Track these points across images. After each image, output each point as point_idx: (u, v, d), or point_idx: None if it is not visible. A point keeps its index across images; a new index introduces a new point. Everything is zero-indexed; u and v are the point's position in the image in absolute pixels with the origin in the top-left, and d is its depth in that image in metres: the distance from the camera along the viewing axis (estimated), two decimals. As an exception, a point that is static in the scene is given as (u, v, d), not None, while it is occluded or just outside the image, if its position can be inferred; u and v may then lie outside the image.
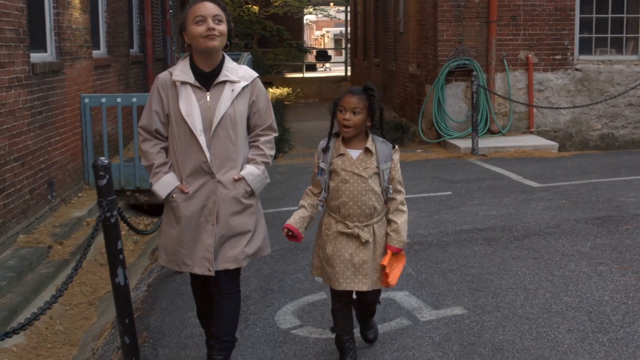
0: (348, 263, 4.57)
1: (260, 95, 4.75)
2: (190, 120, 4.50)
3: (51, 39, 10.25)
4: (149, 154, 4.65)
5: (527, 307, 5.57)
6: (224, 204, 4.57)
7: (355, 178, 4.55)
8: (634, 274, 6.13)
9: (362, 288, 4.59)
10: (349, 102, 4.52)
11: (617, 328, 5.08)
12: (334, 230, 4.63)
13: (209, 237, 4.56)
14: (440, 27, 14.61)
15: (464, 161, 12.68)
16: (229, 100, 4.56)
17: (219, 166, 4.57)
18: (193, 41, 4.54)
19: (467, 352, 4.87)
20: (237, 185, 4.59)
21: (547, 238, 7.31)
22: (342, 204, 4.58)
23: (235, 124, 4.58)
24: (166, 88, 4.62)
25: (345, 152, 4.59)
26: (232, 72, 4.66)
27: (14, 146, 8.41)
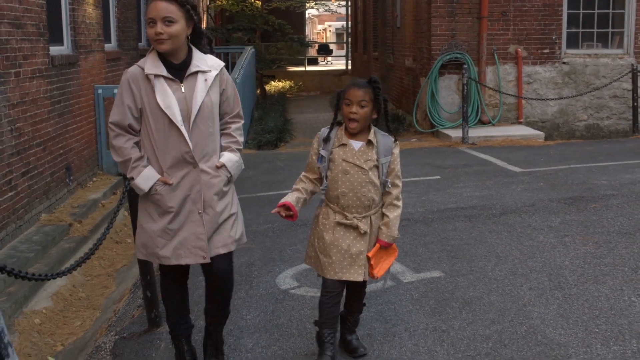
0: (345, 253, 4.59)
1: (229, 84, 4.80)
2: (169, 112, 4.49)
3: (67, 33, 11.00)
4: (124, 149, 4.61)
5: (497, 270, 6.34)
6: (209, 191, 4.61)
7: (356, 169, 4.57)
8: (594, 244, 6.91)
9: (357, 278, 4.61)
10: (355, 95, 4.53)
11: (572, 286, 5.86)
12: (332, 219, 4.65)
13: (198, 226, 4.58)
14: (434, 22, 15.37)
15: (455, 149, 13.46)
16: (204, 90, 4.59)
17: (200, 155, 4.59)
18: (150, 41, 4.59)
19: (441, 305, 5.64)
20: (219, 173, 4.66)
21: (522, 215, 8.08)
22: (342, 195, 4.60)
23: (212, 113, 4.64)
24: (137, 82, 4.58)
25: (348, 143, 4.61)
26: (202, 61, 4.67)
27: (37, 132, 9.15)
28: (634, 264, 6.29)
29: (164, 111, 4.49)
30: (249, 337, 5.32)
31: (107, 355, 5.39)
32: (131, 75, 4.59)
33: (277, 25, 31.20)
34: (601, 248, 6.76)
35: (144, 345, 5.31)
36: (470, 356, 4.75)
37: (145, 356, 5.16)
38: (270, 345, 5.16)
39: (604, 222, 7.59)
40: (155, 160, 4.62)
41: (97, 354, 5.48)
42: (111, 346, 5.53)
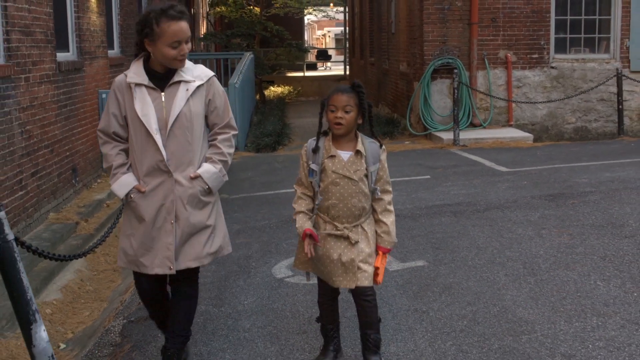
0: (337, 262, 4.60)
1: (217, 94, 4.80)
2: (145, 120, 4.55)
3: (73, 40, 11.50)
4: (109, 156, 4.71)
5: (476, 260, 6.83)
6: (182, 202, 4.64)
7: (346, 180, 4.56)
8: (568, 235, 7.39)
9: (351, 286, 4.61)
10: (340, 101, 4.52)
11: (544, 272, 6.35)
12: (323, 231, 4.65)
13: (168, 236, 4.62)
14: (426, 29, 15.88)
15: (446, 151, 13.96)
16: (184, 99, 4.61)
17: (175, 165, 4.62)
18: (162, 59, 4.59)
19: (423, 290, 6.13)
20: (194, 184, 4.66)
21: (504, 210, 8.57)
22: (332, 206, 4.60)
23: (191, 123, 4.65)
24: (122, 90, 4.64)
25: (336, 154, 4.60)
26: (187, 72, 4.71)
27: (45, 135, 9.64)
28: (602, 252, 6.78)
29: (141, 119, 4.56)
30: (246, 319, 5.80)
31: (117, 336, 5.87)
32: (117, 83, 4.68)
33: (276, 31, 31.69)
34: (574, 239, 7.25)
35: (150, 327, 5.78)
36: (446, 332, 5.24)
37: (152, 336, 5.64)
38: (265, 326, 5.65)
39: (579, 217, 8.07)
40: (135, 167, 4.71)
41: (107, 337, 5.95)
42: (120, 329, 6.02)
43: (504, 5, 15.88)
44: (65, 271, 8.38)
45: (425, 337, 5.19)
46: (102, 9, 12.94)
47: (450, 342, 5.09)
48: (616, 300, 5.64)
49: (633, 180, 9.77)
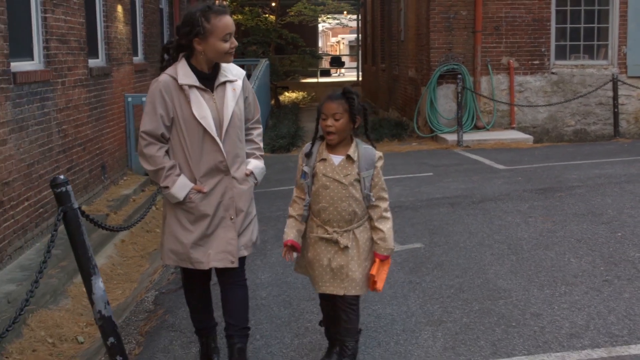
0: (327, 267, 4.65)
1: (250, 91, 4.94)
2: (205, 122, 4.60)
3: (102, 47, 12.41)
4: (156, 158, 4.67)
5: (467, 242, 7.68)
6: (240, 198, 4.76)
7: (336, 184, 4.59)
8: (552, 222, 8.23)
9: (339, 292, 4.66)
10: (329, 108, 4.55)
11: (525, 252, 7.20)
12: (314, 235, 4.70)
13: (229, 231, 4.72)
14: (433, 36, 16.74)
15: (450, 151, 14.82)
16: (234, 99, 4.72)
17: (231, 163, 4.72)
18: (212, 54, 4.64)
19: (418, 266, 6.99)
20: (247, 180, 4.81)
21: (497, 202, 9.41)
22: (322, 209, 4.63)
23: (240, 121, 4.78)
24: (170, 91, 4.63)
25: (328, 157, 4.64)
26: (228, 71, 4.80)
27: (78, 134, 10.53)
28: (579, 236, 7.62)
29: (199, 121, 4.60)
30: (263, 290, 6.67)
31: (150, 305, 6.75)
32: (163, 84, 4.64)
33: (290, 38, 32.64)
34: (557, 225, 8.09)
35: (179, 297, 6.65)
36: (435, 298, 6.10)
37: (182, 303, 6.49)
38: (280, 295, 6.52)
39: (564, 207, 8.91)
40: (187, 168, 4.71)
41: (141, 306, 6.83)
42: (152, 299, 6.90)
43: (507, 14, 16.72)
44: (98, 257, 9.23)
45: (416, 302, 6.05)
46: (128, 19, 13.85)
47: (437, 305, 5.95)
48: (584, 273, 6.49)
49: (618, 176, 10.60)
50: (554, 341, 5.10)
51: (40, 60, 9.30)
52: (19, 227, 8.15)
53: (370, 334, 5.43)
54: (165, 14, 18.46)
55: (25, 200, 8.36)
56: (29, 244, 8.46)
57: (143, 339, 5.84)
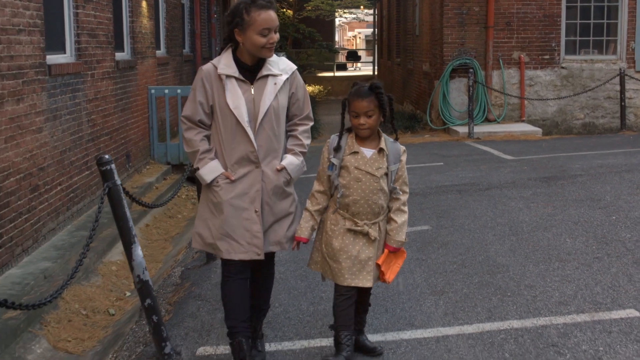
0: (355, 259, 4.63)
1: (299, 87, 4.90)
2: (237, 112, 4.65)
3: (127, 41, 12.99)
4: (193, 141, 4.80)
5: (472, 225, 8.22)
6: (268, 192, 4.74)
7: (368, 177, 4.61)
8: (552, 207, 8.75)
9: (366, 284, 4.67)
10: (361, 107, 4.58)
11: (525, 233, 7.73)
12: (342, 226, 4.69)
13: (254, 224, 4.72)
14: (446, 32, 17.26)
15: (461, 143, 15.35)
16: (273, 93, 4.72)
17: (263, 156, 4.72)
18: (250, 47, 4.70)
19: (425, 246, 7.53)
20: (279, 175, 4.76)
21: (502, 189, 9.94)
22: (353, 202, 4.63)
23: (278, 116, 4.75)
24: (210, 80, 4.74)
25: (359, 150, 4.65)
26: (274, 65, 4.80)
27: (105, 124, 11.11)
28: (577, 219, 8.15)
29: (232, 111, 4.67)
30: (282, 266, 7.22)
31: (177, 279, 7.32)
32: (205, 73, 4.78)
33: (307, 33, 33.15)
34: (556, 210, 8.62)
35: (204, 272, 7.22)
36: (439, 273, 6.65)
37: (207, 277, 7.08)
38: (297, 270, 7.08)
39: (565, 193, 9.43)
40: (221, 155, 4.80)
41: (169, 280, 7.41)
42: (179, 274, 7.47)
43: (518, 10, 17.21)
44: (125, 239, 9.81)
45: (422, 276, 6.60)
46: (152, 14, 14.43)
47: (441, 278, 6.50)
48: (577, 251, 7.03)
49: (619, 166, 11.11)
50: (544, 308, 5.65)
51: (72, 54, 9.87)
52: (52, 210, 8.72)
53: (379, 302, 5.97)
54: (186, 9, 19.03)
55: (58, 185, 8.93)
56: (61, 226, 9.03)
57: (172, 308, 6.41)
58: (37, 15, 8.28)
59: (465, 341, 5.14)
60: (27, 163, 7.94)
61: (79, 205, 9.74)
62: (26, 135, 7.93)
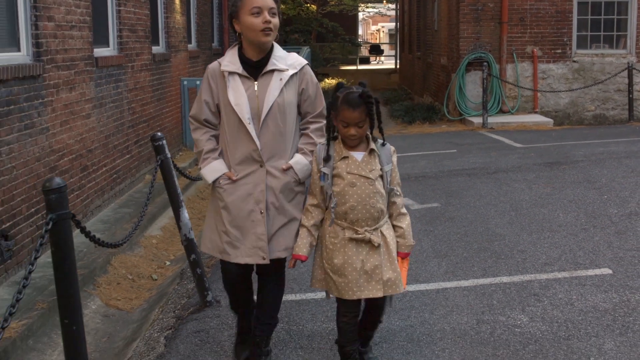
0: (360, 270, 4.40)
1: (310, 83, 4.69)
2: (238, 109, 4.48)
3: (162, 36, 13.93)
4: (199, 141, 4.68)
5: (478, 203, 9.11)
6: (273, 192, 4.54)
7: (363, 180, 4.41)
8: (552, 188, 9.63)
9: (376, 294, 4.44)
10: (352, 118, 4.34)
11: (524, 209, 8.62)
12: (342, 237, 4.43)
13: (258, 226, 4.51)
14: (462, 27, 18.13)
15: (475, 132, 16.23)
16: (278, 89, 4.52)
17: (268, 155, 4.53)
18: (247, 32, 4.50)
19: (433, 220, 8.44)
20: (285, 175, 4.56)
21: (508, 173, 10.82)
22: (350, 209, 4.39)
23: (284, 113, 4.54)
24: (215, 78, 4.61)
25: (349, 155, 4.44)
26: (281, 60, 4.62)
27: (144, 112, 12.07)
28: (572, 197, 9.03)
29: (233, 108, 4.51)
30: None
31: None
32: (211, 71, 4.66)
33: (331, 27, 34.02)
34: (555, 190, 9.50)
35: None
36: (443, 241, 7.56)
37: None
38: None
39: (565, 176, 10.30)
40: (226, 154, 4.66)
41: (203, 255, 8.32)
42: (214, 244, 8.39)
43: (531, 6, 18.05)
44: (162, 217, 10.74)
45: (428, 243, 7.51)
46: (184, 10, 15.38)
47: (444, 245, 7.41)
48: (568, 224, 7.92)
49: (619, 153, 11.97)
50: (531, 267, 6.56)
51: (115, 47, 10.82)
52: (99, 189, 9.68)
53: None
54: (215, 5, 19.97)
55: (103, 167, 9.89)
56: (106, 204, 9.98)
57: (209, 270, 7.34)
58: (86, 12, 9.22)
59: (461, 292, 6.06)
60: (78, 145, 8.88)
61: (121, 186, 10.69)
62: (77, 120, 8.88)
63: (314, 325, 5.57)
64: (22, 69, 7.30)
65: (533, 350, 4.92)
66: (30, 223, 7.47)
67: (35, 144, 7.60)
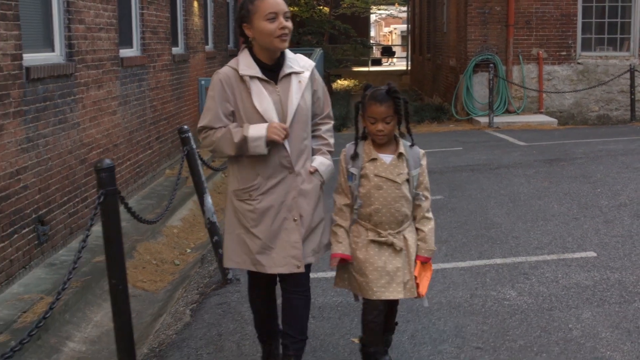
0: (382, 271, 4.39)
1: (320, 84, 4.62)
2: (267, 116, 4.31)
3: (181, 37, 14.59)
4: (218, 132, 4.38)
5: (478, 195, 9.71)
6: (305, 198, 4.43)
7: (389, 184, 4.38)
8: (549, 182, 10.23)
9: (397, 296, 4.42)
10: (379, 113, 4.34)
11: (521, 201, 9.23)
12: (365, 237, 4.44)
13: (292, 234, 4.38)
14: (469, 29, 18.74)
15: (481, 131, 16.84)
16: (299, 92, 4.41)
17: (296, 160, 4.41)
18: (261, 38, 4.34)
19: (436, 210, 8.89)
20: (313, 178, 4.47)
21: (510, 168, 11.42)
22: (375, 211, 4.40)
23: (306, 116, 4.46)
24: (231, 84, 4.37)
25: (378, 157, 4.42)
26: (294, 62, 4.51)
27: (164, 110, 12.71)
28: (567, 190, 9.64)
29: (261, 115, 4.32)
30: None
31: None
32: (224, 76, 4.41)
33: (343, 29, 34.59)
34: (552, 184, 10.11)
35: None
36: (444, 228, 8.17)
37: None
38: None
39: (563, 172, 10.90)
40: (250, 166, 4.44)
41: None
42: (232, 232, 9.02)
43: (537, 9, 18.65)
44: (182, 209, 11.36)
45: (431, 231, 8.13)
46: (201, 13, 16.03)
47: (445, 232, 8.03)
48: (561, 213, 8.53)
49: (617, 150, 12.57)
50: (522, 251, 7.18)
51: (138, 48, 11.47)
52: (123, 182, 10.30)
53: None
54: (230, 7, 20.63)
55: (127, 161, 10.53)
56: (130, 196, 10.61)
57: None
58: (113, 15, 9.87)
59: (458, 272, 6.68)
60: (105, 140, 9.53)
61: (143, 179, 11.33)
62: (104, 116, 9.52)
63: (325, 299, 6.19)
64: (57, 68, 7.94)
65: (519, 319, 5.55)
66: (63, 211, 8.09)
67: (68, 137, 8.23)
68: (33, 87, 7.31)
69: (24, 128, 7.08)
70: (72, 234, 8.32)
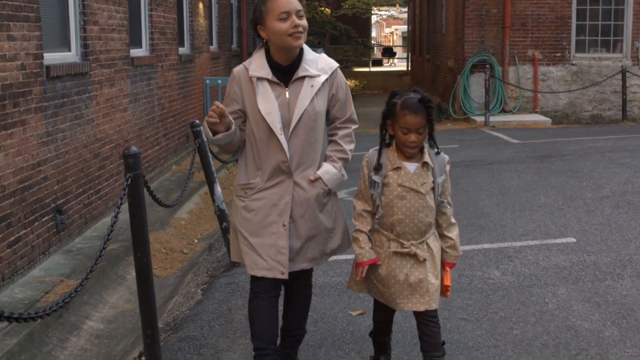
0: (404, 283, 4.31)
1: (340, 87, 4.47)
2: (270, 119, 4.26)
3: (187, 38, 15.10)
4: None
5: (471, 188, 10.25)
6: (300, 205, 4.35)
7: (413, 194, 4.25)
8: (539, 177, 10.77)
9: (419, 308, 4.32)
10: (414, 123, 4.19)
11: (511, 193, 9.76)
12: (387, 249, 4.34)
13: (281, 239, 4.31)
14: (467, 31, 19.29)
15: (477, 130, 17.39)
16: (309, 97, 4.31)
17: (296, 165, 4.33)
18: (275, 38, 4.28)
19: (430, 202, 9.58)
20: (313, 186, 4.36)
21: (502, 164, 11.96)
22: (398, 222, 4.27)
23: (314, 121, 4.33)
24: (241, 83, 4.37)
25: (402, 166, 4.29)
26: (312, 64, 4.40)
27: (171, 108, 13.23)
28: (554, 184, 10.19)
29: (264, 117, 4.27)
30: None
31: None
32: (237, 74, 4.42)
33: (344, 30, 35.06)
34: (541, 178, 10.65)
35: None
36: (437, 218, 8.69)
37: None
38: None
39: (552, 167, 11.44)
40: (254, 166, 4.43)
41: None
42: (237, 222, 9.55)
43: (532, 12, 19.19)
44: (189, 202, 11.87)
45: (424, 220, 8.66)
46: (207, 14, 16.56)
47: (438, 221, 8.55)
48: (547, 205, 9.08)
49: (606, 147, 13.12)
50: (509, 237, 7.74)
51: (147, 48, 11.99)
52: (133, 175, 10.82)
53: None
54: (234, 9, 21.17)
55: (137, 155, 11.03)
56: (139, 189, 11.12)
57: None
58: (124, 17, 10.39)
59: (447, 255, 7.21)
60: (116, 135, 10.05)
61: (151, 174, 11.84)
62: (116, 113, 10.04)
63: (325, 279, 6.73)
64: (73, 67, 8.45)
65: (501, 295, 6.10)
66: (78, 201, 8.61)
67: (83, 132, 8.75)
68: (52, 85, 7.82)
69: (44, 123, 7.59)
70: (87, 224, 8.83)
